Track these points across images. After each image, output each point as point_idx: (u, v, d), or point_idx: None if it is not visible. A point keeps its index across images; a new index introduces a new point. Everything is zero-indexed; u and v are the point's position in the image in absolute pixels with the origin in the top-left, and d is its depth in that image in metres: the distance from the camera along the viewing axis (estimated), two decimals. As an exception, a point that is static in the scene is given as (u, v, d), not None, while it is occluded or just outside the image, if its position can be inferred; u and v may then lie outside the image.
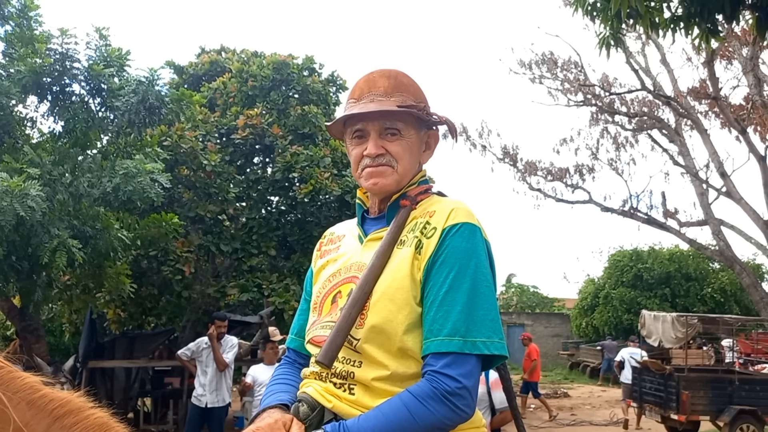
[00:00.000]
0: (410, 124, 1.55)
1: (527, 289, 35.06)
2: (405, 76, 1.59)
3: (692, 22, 5.70)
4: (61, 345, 15.86)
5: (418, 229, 1.46)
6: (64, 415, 1.24)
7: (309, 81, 13.35)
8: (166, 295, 11.09)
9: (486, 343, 1.36)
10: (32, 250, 6.58)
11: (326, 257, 1.67)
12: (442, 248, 1.41)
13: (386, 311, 1.40)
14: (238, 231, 11.80)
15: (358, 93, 1.57)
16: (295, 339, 1.69)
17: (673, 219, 17.08)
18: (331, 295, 1.54)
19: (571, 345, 26.25)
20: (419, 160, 1.61)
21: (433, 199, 1.56)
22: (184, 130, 10.97)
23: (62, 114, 7.49)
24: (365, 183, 1.55)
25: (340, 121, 1.60)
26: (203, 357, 7.31)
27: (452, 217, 1.44)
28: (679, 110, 16.31)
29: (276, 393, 1.54)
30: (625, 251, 24.10)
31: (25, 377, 1.26)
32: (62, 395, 1.27)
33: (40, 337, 8.43)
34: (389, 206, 1.56)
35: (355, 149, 1.57)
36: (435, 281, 1.39)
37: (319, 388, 1.45)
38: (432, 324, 1.37)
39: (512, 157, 18.32)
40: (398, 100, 1.53)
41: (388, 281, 1.43)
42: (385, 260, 1.45)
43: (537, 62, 17.92)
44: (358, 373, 1.41)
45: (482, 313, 1.38)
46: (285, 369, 1.67)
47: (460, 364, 1.33)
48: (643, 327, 12.56)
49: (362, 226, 1.63)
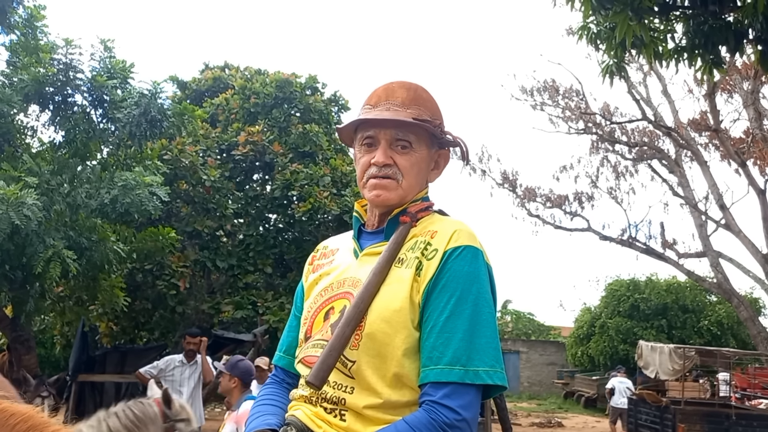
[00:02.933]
0: (422, 139, 1.50)
1: (523, 315, 34.91)
2: (425, 91, 1.56)
3: (696, 53, 5.73)
4: (52, 357, 15.71)
5: (419, 250, 1.40)
6: (27, 430, 1.20)
7: (311, 100, 13.41)
8: (160, 309, 10.99)
9: (489, 372, 1.31)
10: (26, 259, 6.51)
11: (319, 271, 1.60)
12: (444, 272, 1.35)
13: (382, 334, 1.34)
14: (234, 247, 11.74)
15: (374, 100, 1.53)
16: (283, 357, 1.61)
17: (672, 250, 17.07)
18: (323, 311, 1.47)
19: (566, 374, 26.04)
20: (426, 178, 1.56)
21: (434, 218, 1.51)
22: (185, 144, 10.97)
23: (63, 124, 7.48)
24: (368, 194, 1.50)
25: (352, 124, 1.55)
26: (175, 376, 6.86)
27: (454, 239, 1.38)
28: (679, 141, 16.38)
29: (262, 415, 1.46)
30: (623, 281, 24.02)
31: None
32: (22, 410, 1.22)
33: (30, 349, 8.31)
34: (389, 221, 1.50)
35: (363, 157, 1.51)
36: (435, 306, 1.33)
37: (309, 412, 1.39)
38: (432, 351, 1.31)
39: (512, 182, 18.36)
40: (414, 112, 1.48)
41: (386, 302, 1.36)
42: (382, 278, 1.39)
43: (539, 89, 18.05)
44: (350, 399, 1.34)
45: (484, 342, 1.32)
46: (272, 389, 1.59)
47: (460, 394, 1.28)
48: (640, 358, 12.48)
49: (358, 240, 1.56)
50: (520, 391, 27.43)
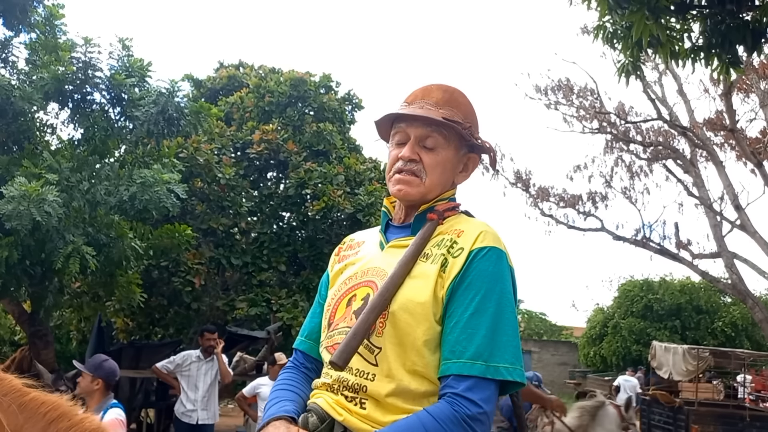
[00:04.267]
0: (451, 140, 1.55)
1: (535, 315, 34.82)
2: (462, 95, 1.61)
3: (713, 52, 5.71)
4: (68, 353, 15.85)
5: (445, 247, 1.46)
6: (57, 418, 1.23)
7: (325, 99, 13.46)
8: (175, 306, 11.09)
9: (509, 369, 1.35)
10: (46, 255, 6.60)
11: (344, 261, 1.66)
12: (469, 270, 1.40)
13: (405, 323, 1.39)
14: (249, 245, 11.82)
15: (411, 98, 1.60)
16: (304, 341, 1.66)
17: (686, 250, 16.95)
18: (346, 298, 1.53)
19: (578, 374, 25.95)
20: (453, 179, 1.61)
21: (460, 218, 1.56)
22: (201, 142, 11.06)
23: (82, 122, 7.56)
24: (392, 188, 1.56)
25: (387, 118, 1.61)
26: (192, 372, 6.95)
27: (480, 239, 1.44)
28: (694, 141, 16.27)
29: (281, 401, 1.50)
30: (636, 281, 23.91)
31: (10, 379, 1.24)
32: (51, 398, 1.26)
33: (48, 343, 8.42)
34: (416, 217, 1.55)
35: (393, 151, 1.58)
36: (460, 303, 1.38)
37: (330, 400, 1.43)
38: (455, 345, 1.36)
39: (525, 182, 18.30)
40: (447, 113, 1.53)
41: (410, 294, 1.41)
42: (407, 270, 1.44)
43: (553, 88, 17.97)
44: (371, 387, 1.39)
45: (506, 339, 1.37)
46: (290, 374, 1.63)
47: (482, 388, 1.32)
48: (654, 358, 12.44)
49: (385, 233, 1.62)
50: (532, 391, 27.36)
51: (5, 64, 7.92)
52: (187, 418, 6.90)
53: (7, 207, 5.88)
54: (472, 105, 1.62)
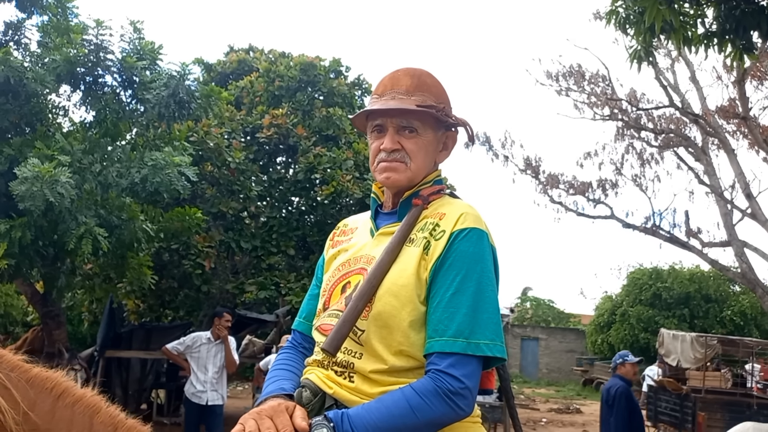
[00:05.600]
0: (428, 123, 1.59)
1: (543, 302, 34.83)
2: (429, 77, 1.64)
3: (726, 38, 5.66)
4: (79, 334, 16.05)
5: (427, 230, 1.51)
6: (62, 393, 1.26)
7: (335, 83, 13.44)
8: (186, 288, 11.18)
9: (489, 345, 1.41)
10: (59, 236, 6.67)
11: (338, 247, 1.72)
12: (450, 252, 1.45)
13: (390, 306, 1.45)
14: (258, 229, 11.87)
15: (381, 89, 1.63)
16: (302, 322, 1.73)
17: (696, 239, 16.86)
18: (341, 284, 1.59)
19: (585, 361, 25.99)
20: (435, 159, 1.66)
21: (444, 200, 1.61)
22: (211, 126, 11.09)
23: (94, 104, 7.61)
24: (379, 177, 1.60)
25: (362, 114, 1.66)
26: (201, 353, 7.00)
27: (461, 221, 1.49)
28: (706, 129, 16.14)
29: (279, 380, 1.56)
30: (645, 269, 23.85)
31: (10, 356, 1.26)
32: (52, 374, 1.29)
33: (60, 324, 8.53)
34: (401, 203, 1.61)
35: (373, 143, 1.62)
36: (442, 283, 1.44)
37: (321, 375, 1.50)
38: (437, 324, 1.41)
39: (534, 168, 18.22)
40: (418, 99, 1.57)
41: (394, 278, 1.47)
42: (393, 257, 1.49)
43: (564, 74, 17.83)
44: (358, 364, 1.46)
45: (486, 317, 1.42)
46: (288, 354, 1.70)
47: (464, 364, 1.38)
48: (662, 346, 12.43)
49: (375, 220, 1.67)
50: (539, 378, 27.45)
51: (18, 46, 7.97)
52: (197, 399, 6.96)
53: (20, 188, 5.95)
54: (441, 84, 1.66)
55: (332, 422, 1.32)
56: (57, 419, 1.24)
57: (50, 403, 1.24)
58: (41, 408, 1.23)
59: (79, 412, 1.26)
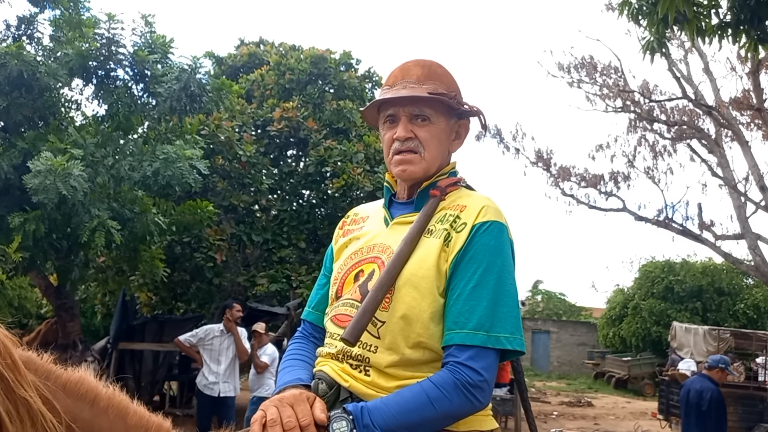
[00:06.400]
0: (440, 111, 1.59)
1: (554, 295, 34.72)
2: (439, 66, 1.64)
3: (741, 29, 5.60)
4: (92, 326, 16.18)
5: (448, 222, 1.51)
6: (95, 398, 1.20)
7: (345, 76, 13.42)
8: (197, 281, 11.24)
9: (509, 338, 1.42)
10: (72, 229, 6.73)
11: (348, 236, 1.71)
12: (472, 244, 1.46)
13: (410, 298, 1.45)
14: (269, 222, 11.91)
15: (392, 80, 1.63)
16: (312, 312, 1.72)
17: (709, 231, 16.74)
18: (353, 273, 1.58)
19: (596, 355, 25.91)
20: (448, 149, 1.66)
21: (461, 193, 1.60)
22: (222, 120, 11.12)
23: (106, 98, 7.65)
24: (395, 169, 1.60)
25: (374, 106, 1.66)
26: (214, 345, 7.05)
27: (482, 214, 1.49)
28: (720, 120, 15.99)
29: (294, 369, 1.56)
30: (657, 262, 23.69)
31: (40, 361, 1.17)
32: (76, 375, 1.21)
33: (74, 316, 8.62)
34: (419, 193, 1.60)
35: (386, 134, 1.62)
36: (462, 276, 1.44)
37: (336, 368, 1.49)
38: (458, 316, 1.41)
39: (546, 161, 18.14)
40: (430, 87, 1.57)
41: (414, 269, 1.47)
42: (413, 247, 1.49)
43: (576, 66, 17.71)
44: (373, 358, 1.45)
45: (506, 310, 1.43)
46: (300, 344, 1.68)
47: (483, 357, 1.39)
48: (674, 339, 12.38)
49: (389, 209, 1.66)
50: (550, 371, 27.41)
51: (30, 40, 8.02)
52: (210, 391, 7.00)
53: (34, 181, 6.00)
54: (452, 73, 1.65)
55: (351, 415, 1.31)
56: (97, 428, 1.18)
57: (88, 412, 1.18)
58: (82, 418, 1.16)
59: (114, 416, 1.22)
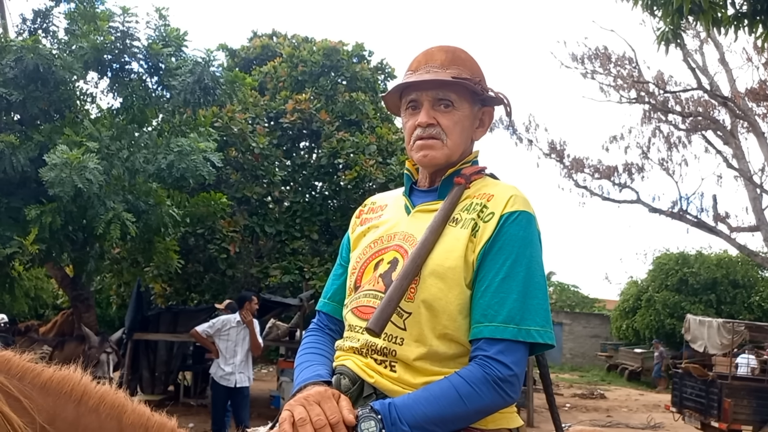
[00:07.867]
0: (464, 97, 1.54)
1: (567, 287, 34.61)
2: (463, 52, 1.59)
3: (757, 19, 5.54)
4: (107, 317, 16.37)
5: (474, 211, 1.46)
6: (83, 396, 1.14)
7: (358, 68, 13.40)
8: (211, 272, 11.32)
9: (540, 332, 1.38)
10: (88, 221, 6.81)
11: (367, 224, 1.65)
12: (500, 235, 1.41)
13: (436, 289, 1.40)
14: (282, 214, 11.95)
15: (415, 65, 1.57)
16: (328, 303, 1.67)
17: (724, 223, 16.62)
18: (373, 262, 1.53)
19: (609, 347, 25.83)
20: (471, 137, 1.60)
21: (487, 181, 1.56)
22: (235, 112, 11.16)
23: (121, 91, 7.71)
24: (416, 155, 1.54)
25: (396, 91, 1.61)
26: (231, 336, 7.10)
27: (511, 204, 1.44)
28: (735, 111, 15.83)
29: (313, 364, 1.50)
30: (671, 254, 23.52)
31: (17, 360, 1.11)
32: (64, 373, 1.15)
33: (90, 307, 8.73)
34: (443, 181, 1.55)
35: (409, 120, 1.56)
36: (491, 267, 1.40)
37: (360, 363, 1.45)
38: (487, 309, 1.37)
39: (559, 152, 18.06)
40: (454, 72, 1.52)
41: (440, 259, 1.42)
42: (437, 236, 1.44)
43: (590, 57, 17.58)
44: (400, 351, 1.40)
45: (536, 303, 1.39)
46: (316, 337, 1.63)
47: (513, 351, 1.35)
48: (688, 332, 12.29)
49: (409, 197, 1.61)
50: (563, 363, 27.36)
51: (46, 33, 8.09)
52: (226, 381, 7.07)
53: (50, 174, 6.07)
54: (476, 60, 1.60)
55: (379, 414, 1.27)
56: (83, 428, 1.11)
57: (72, 411, 1.11)
58: (63, 418, 1.09)
59: (106, 415, 1.15)
